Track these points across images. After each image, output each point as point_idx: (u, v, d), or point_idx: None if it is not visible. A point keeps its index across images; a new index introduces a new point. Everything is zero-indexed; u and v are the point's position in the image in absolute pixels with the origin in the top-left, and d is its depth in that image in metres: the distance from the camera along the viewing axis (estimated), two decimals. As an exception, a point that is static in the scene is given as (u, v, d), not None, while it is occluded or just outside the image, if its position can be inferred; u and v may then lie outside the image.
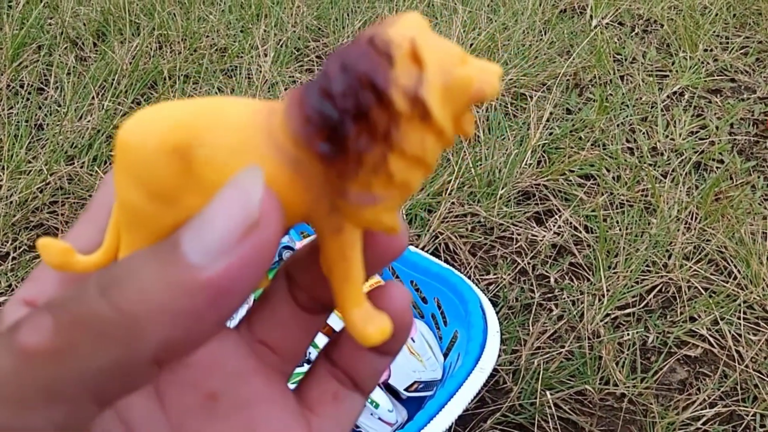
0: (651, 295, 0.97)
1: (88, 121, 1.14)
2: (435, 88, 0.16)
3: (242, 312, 0.23)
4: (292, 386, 0.21)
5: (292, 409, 0.20)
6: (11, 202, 1.00)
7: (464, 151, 1.14)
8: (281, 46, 1.36)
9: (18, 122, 1.12)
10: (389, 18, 0.17)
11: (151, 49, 1.31)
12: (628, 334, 0.91)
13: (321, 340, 0.62)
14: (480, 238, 1.03)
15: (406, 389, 0.80)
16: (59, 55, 1.27)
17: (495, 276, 0.99)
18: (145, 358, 0.14)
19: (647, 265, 1.00)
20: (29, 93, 1.19)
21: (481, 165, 1.12)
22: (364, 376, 0.20)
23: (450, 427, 0.78)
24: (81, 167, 1.06)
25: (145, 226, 0.18)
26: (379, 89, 0.15)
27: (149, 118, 0.17)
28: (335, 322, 0.71)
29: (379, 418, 0.77)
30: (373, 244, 0.19)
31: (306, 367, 0.22)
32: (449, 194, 1.07)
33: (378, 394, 0.78)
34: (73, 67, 1.25)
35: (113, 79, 1.21)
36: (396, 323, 0.19)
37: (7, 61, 1.23)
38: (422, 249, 0.97)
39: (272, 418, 0.20)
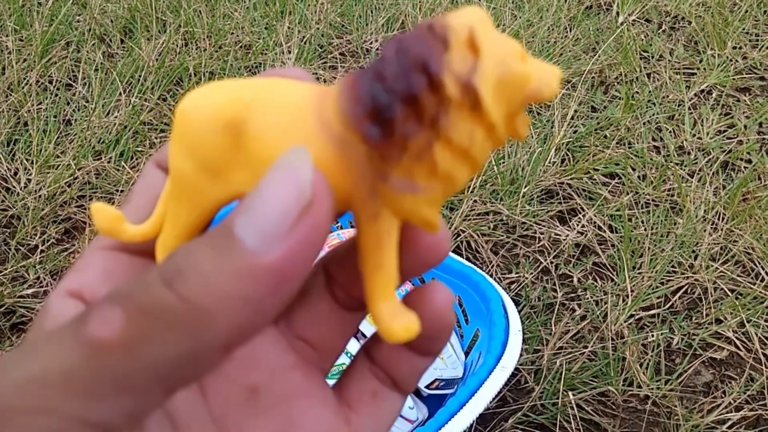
0: (676, 296, 0.96)
1: (115, 117, 1.15)
2: (489, 78, 0.15)
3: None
4: (331, 381, 0.22)
5: (331, 406, 0.21)
6: (40, 196, 1.02)
7: (487, 149, 1.13)
8: (305, 43, 1.37)
9: (47, 117, 1.14)
10: (451, 11, 0.16)
11: (177, 46, 1.32)
12: (653, 336, 0.90)
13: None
14: (502, 236, 1.03)
15: (427, 387, 0.80)
16: (87, 52, 1.29)
17: (517, 275, 0.98)
18: (215, 346, 0.14)
19: (672, 266, 0.99)
20: (58, 89, 1.21)
21: (504, 163, 1.12)
22: (404, 376, 0.20)
23: (471, 426, 0.78)
24: (108, 162, 1.08)
25: (192, 198, 0.18)
26: (432, 72, 0.15)
27: (208, 92, 0.18)
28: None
29: (400, 415, 0.77)
30: (414, 248, 0.18)
31: (346, 359, 0.22)
32: (471, 192, 1.07)
33: (399, 391, 0.79)
34: (101, 63, 1.26)
35: (140, 76, 1.23)
36: (438, 323, 0.19)
37: (36, 57, 1.25)
38: (444, 247, 0.96)
39: (312, 413, 0.20)
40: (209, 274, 0.14)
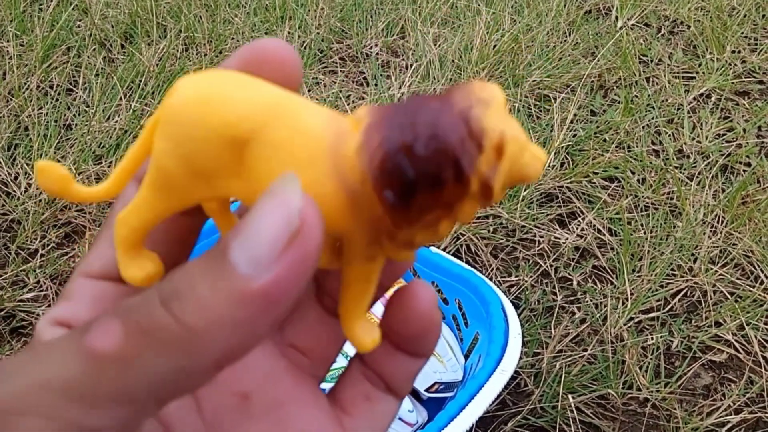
0: (676, 299, 0.96)
1: (116, 122, 1.16)
2: (503, 175, 0.17)
3: None
4: (330, 385, 0.22)
5: (324, 409, 0.21)
6: (40, 201, 1.02)
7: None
8: (305, 48, 1.37)
9: (47, 122, 1.15)
10: (477, 85, 0.17)
11: (177, 51, 1.33)
12: (652, 339, 0.90)
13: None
14: (502, 240, 1.03)
15: (427, 390, 0.80)
16: (88, 57, 1.29)
17: (517, 278, 0.98)
18: (207, 365, 0.15)
19: (672, 269, 0.99)
20: (58, 94, 1.21)
21: (503, 167, 1.12)
22: (397, 379, 0.21)
23: (470, 429, 0.78)
24: (109, 167, 1.08)
25: (172, 191, 0.18)
26: (463, 172, 0.16)
27: (213, 99, 0.17)
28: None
29: (400, 418, 0.77)
30: (388, 264, 0.20)
31: (345, 362, 0.22)
32: (471, 196, 1.07)
33: (398, 395, 0.78)
34: (102, 68, 1.27)
35: (140, 81, 1.23)
36: (423, 322, 0.20)
37: (37, 62, 1.26)
38: (444, 250, 0.97)
39: (304, 417, 0.20)
40: (204, 298, 0.15)
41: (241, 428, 0.20)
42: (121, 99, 1.20)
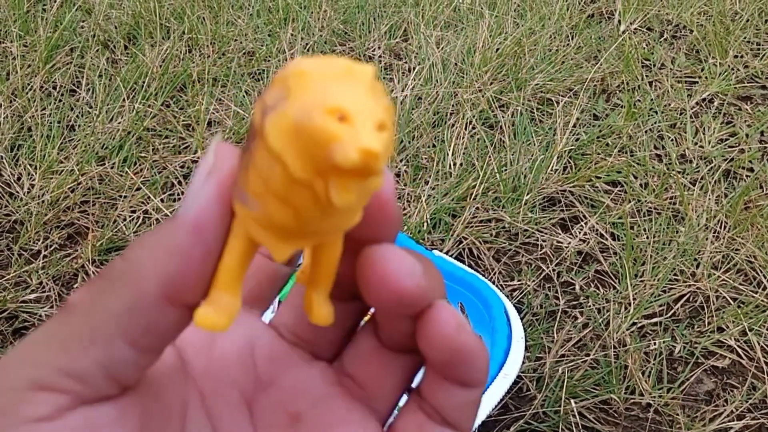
0: (678, 305, 0.96)
1: (119, 123, 1.16)
2: (283, 119, 0.15)
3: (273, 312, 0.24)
4: None
5: None
6: (43, 201, 1.02)
7: (489, 156, 1.13)
8: (308, 50, 1.37)
9: (50, 123, 1.15)
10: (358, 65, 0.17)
11: (180, 52, 1.33)
12: (655, 344, 0.90)
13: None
14: (504, 243, 1.03)
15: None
16: (91, 58, 1.29)
17: (519, 282, 0.98)
18: (153, 294, 0.17)
19: (675, 274, 0.99)
20: (62, 94, 1.21)
21: (506, 170, 1.12)
22: (450, 410, 0.20)
23: (473, 433, 0.78)
24: (111, 168, 1.08)
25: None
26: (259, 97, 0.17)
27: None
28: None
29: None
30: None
31: None
32: (474, 199, 1.07)
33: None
34: (105, 69, 1.27)
35: (143, 82, 1.23)
36: (451, 348, 0.19)
37: (41, 63, 1.26)
38: (446, 254, 0.97)
39: None
40: (146, 238, 0.18)
41: None
42: (124, 100, 1.20)
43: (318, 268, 0.19)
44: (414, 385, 0.22)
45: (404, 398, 0.22)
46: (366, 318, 0.22)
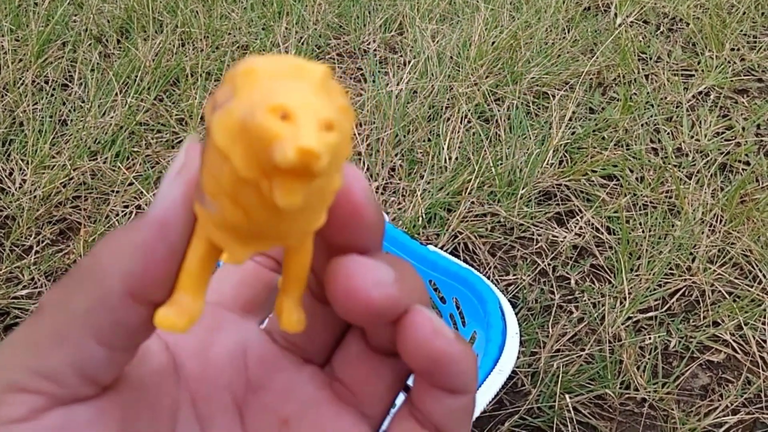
0: (674, 299, 0.96)
1: (111, 118, 1.15)
2: (228, 116, 0.15)
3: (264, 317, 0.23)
4: None
5: None
6: (35, 197, 1.01)
7: (485, 150, 1.13)
8: (302, 44, 1.36)
9: (42, 118, 1.14)
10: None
11: (173, 46, 1.32)
12: (650, 338, 0.90)
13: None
14: (500, 238, 1.03)
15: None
16: (83, 52, 1.28)
17: (514, 277, 0.98)
18: (118, 291, 0.17)
19: (670, 268, 0.98)
20: (54, 89, 1.20)
21: (501, 164, 1.11)
22: (440, 417, 0.19)
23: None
24: (104, 163, 1.08)
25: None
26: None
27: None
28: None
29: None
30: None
31: None
32: (469, 193, 1.06)
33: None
34: (97, 63, 1.26)
35: (136, 76, 1.22)
36: (429, 354, 0.18)
37: (32, 57, 1.25)
38: (441, 248, 0.96)
39: None
40: (113, 235, 0.17)
41: None
42: (116, 95, 1.19)
43: (288, 273, 0.19)
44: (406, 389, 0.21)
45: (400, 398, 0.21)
46: None
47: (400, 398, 0.22)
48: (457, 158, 1.13)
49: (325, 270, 0.18)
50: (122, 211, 1.01)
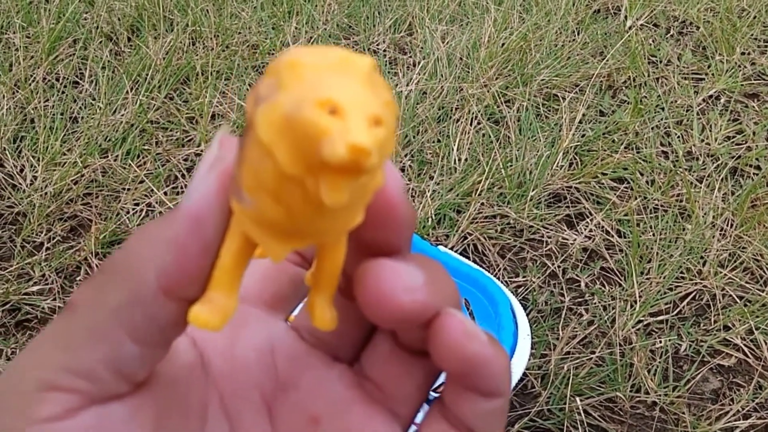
0: (684, 303, 0.95)
1: (122, 115, 1.15)
2: (274, 111, 0.15)
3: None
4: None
5: None
6: (46, 193, 1.01)
7: (495, 152, 1.13)
8: (312, 44, 1.37)
9: (53, 115, 1.14)
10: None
11: (184, 45, 1.32)
12: (661, 342, 0.90)
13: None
14: (509, 240, 1.02)
15: (435, 390, 0.79)
16: (94, 50, 1.28)
17: (524, 279, 0.98)
18: (151, 288, 0.17)
19: (681, 272, 0.98)
20: (65, 86, 1.20)
21: (511, 166, 1.11)
22: (472, 418, 0.19)
23: (478, 430, 0.77)
24: (114, 160, 1.08)
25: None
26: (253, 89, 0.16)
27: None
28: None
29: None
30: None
31: None
32: (479, 195, 1.06)
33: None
34: (108, 61, 1.26)
35: (147, 74, 1.22)
36: (461, 358, 0.18)
37: (43, 55, 1.25)
38: (451, 250, 0.96)
39: None
40: (145, 229, 0.17)
41: None
42: (127, 92, 1.19)
43: (321, 270, 0.19)
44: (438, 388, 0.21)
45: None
46: None
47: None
48: (466, 159, 1.13)
49: (354, 268, 0.18)
50: (133, 209, 1.01)
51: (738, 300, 0.96)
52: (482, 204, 1.06)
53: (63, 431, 0.16)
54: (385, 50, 1.38)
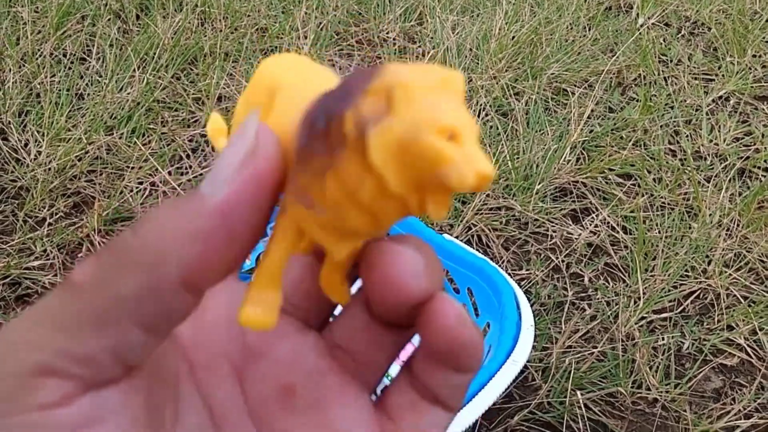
0: (688, 301, 0.95)
1: (128, 93, 1.14)
2: (388, 134, 0.15)
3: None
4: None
5: (366, 413, 0.21)
6: (49, 169, 1.00)
7: (502, 144, 1.12)
8: (321, 29, 1.36)
9: (59, 90, 1.13)
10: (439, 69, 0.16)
11: (192, 25, 1.31)
12: (663, 339, 0.89)
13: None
14: (514, 232, 1.02)
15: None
16: (102, 26, 1.27)
17: (528, 272, 0.97)
18: (172, 280, 0.16)
19: (686, 270, 0.98)
20: (71, 62, 1.19)
21: (518, 158, 1.11)
22: (443, 391, 0.20)
23: (476, 421, 0.77)
24: (120, 138, 1.07)
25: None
26: (346, 104, 0.16)
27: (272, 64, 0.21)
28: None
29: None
30: (372, 279, 0.18)
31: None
32: (485, 186, 1.05)
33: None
34: (116, 38, 1.25)
35: (154, 53, 1.21)
36: (452, 339, 0.19)
37: (51, 30, 1.24)
38: (456, 239, 0.95)
39: (346, 417, 0.20)
40: (165, 216, 0.16)
41: (283, 421, 0.20)
42: (134, 71, 1.18)
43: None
44: (403, 358, 0.21)
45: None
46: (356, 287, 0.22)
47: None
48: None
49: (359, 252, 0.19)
50: (136, 188, 1.01)
51: (742, 300, 0.95)
52: (488, 195, 1.05)
53: (57, 420, 0.16)
54: (394, 39, 1.37)
